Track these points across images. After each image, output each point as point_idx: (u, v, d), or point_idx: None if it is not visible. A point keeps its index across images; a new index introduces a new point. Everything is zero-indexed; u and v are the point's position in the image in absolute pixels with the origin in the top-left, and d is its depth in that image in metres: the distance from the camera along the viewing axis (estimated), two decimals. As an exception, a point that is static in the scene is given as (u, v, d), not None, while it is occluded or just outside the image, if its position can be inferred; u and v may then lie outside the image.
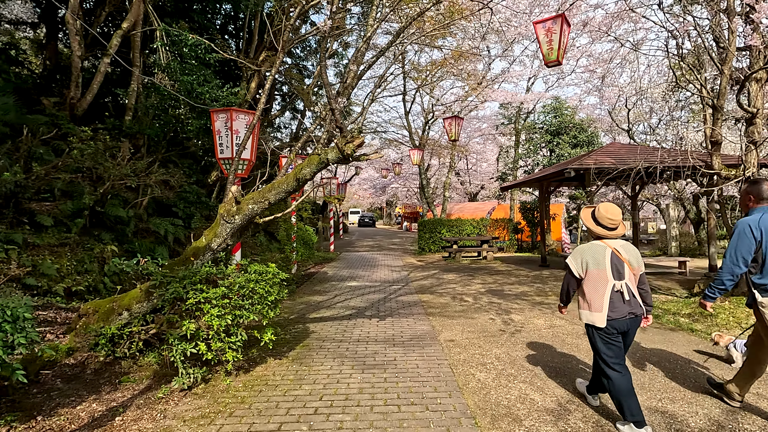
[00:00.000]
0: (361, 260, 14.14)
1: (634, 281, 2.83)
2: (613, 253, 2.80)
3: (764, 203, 2.88)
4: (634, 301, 2.78)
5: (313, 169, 3.79)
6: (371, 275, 10.58)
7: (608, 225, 2.86)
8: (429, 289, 8.56)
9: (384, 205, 48.96)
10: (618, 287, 2.76)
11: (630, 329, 2.83)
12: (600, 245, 2.85)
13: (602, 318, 2.75)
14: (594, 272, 2.81)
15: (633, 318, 2.79)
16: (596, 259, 2.80)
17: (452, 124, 8.38)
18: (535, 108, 18.48)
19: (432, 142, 20.13)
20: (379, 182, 31.26)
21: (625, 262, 2.79)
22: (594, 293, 2.80)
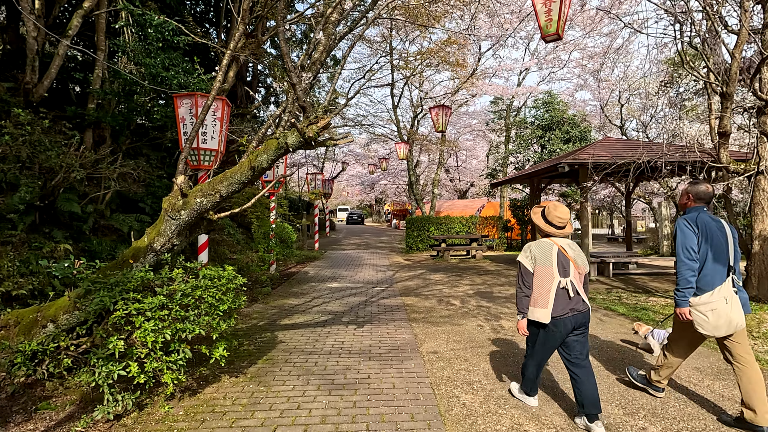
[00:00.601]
0: (345, 259, 13.58)
1: (579, 279, 2.88)
2: (560, 250, 2.85)
3: (701, 203, 2.98)
4: (577, 298, 2.83)
5: (270, 156, 3.22)
6: (354, 276, 10.03)
7: (557, 223, 2.90)
8: (414, 291, 8.04)
9: (373, 203, 48.38)
10: (563, 284, 2.80)
11: (576, 326, 2.84)
12: (548, 243, 2.89)
13: (546, 314, 2.79)
14: (541, 269, 2.85)
15: (577, 314, 2.83)
16: (544, 256, 2.85)
17: (439, 114, 7.84)
18: (525, 103, 18.06)
19: (421, 137, 19.62)
20: (368, 179, 30.66)
21: (570, 260, 2.85)
22: (540, 289, 2.84)
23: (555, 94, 14.79)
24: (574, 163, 7.94)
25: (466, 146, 26.23)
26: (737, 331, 2.80)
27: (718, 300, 2.76)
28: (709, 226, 2.87)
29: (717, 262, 2.82)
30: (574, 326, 2.83)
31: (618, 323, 5.48)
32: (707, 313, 2.77)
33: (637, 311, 6.00)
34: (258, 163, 3.21)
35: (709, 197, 2.98)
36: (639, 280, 9.00)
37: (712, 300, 2.77)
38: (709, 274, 2.82)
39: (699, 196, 2.99)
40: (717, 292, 2.78)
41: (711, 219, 2.90)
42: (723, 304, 2.75)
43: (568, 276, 2.82)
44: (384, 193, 37.69)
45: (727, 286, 2.82)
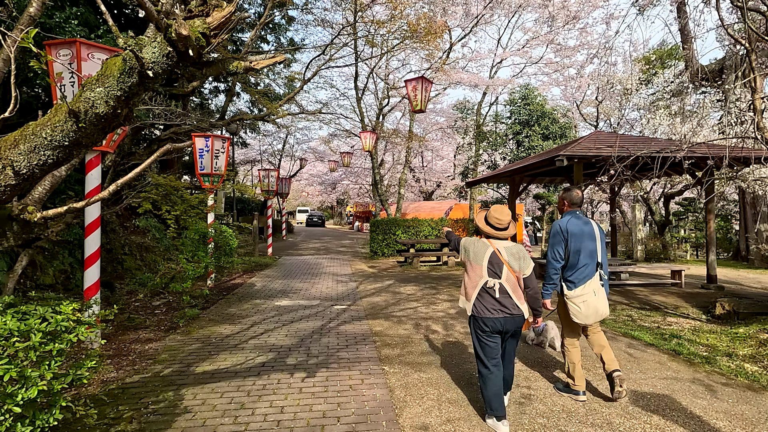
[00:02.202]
0: (302, 267, 11.84)
1: (514, 282, 2.88)
2: (494, 252, 2.88)
3: (575, 207, 3.34)
4: (508, 301, 2.84)
5: (110, 88, 1.56)
6: (310, 289, 8.36)
7: (495, 224, 2.94)
8: (383, 310, 6.50)
9: (335, 204, 46.48)
10: (490, 284, 2.84)
11: (507, 329, 2.86)
12: (484, 243, 2.93)
13: (467, 305, 2.92)
14: (473, 266, 2.92)
15: (508, 317, 2.83)
16: (477, 254, 2.90)
17: (417, 89, 6.36)
18: (497, 99, 17.05)
19: (387, 132, 18.18)
20: (329, 178, 28.84)
21: (504, 263, 2.86)
22: (469, 283, 2.94)
23: (533, 87, 13.84)
24: (573, 157, 6.73)
25: (433, 146, 25.10)
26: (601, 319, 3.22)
27: (588, 293, 3.12)
28: (579, 228, 3.20)
29: (587, 260, 3.15)
30: (505, 329, 2.85)
31: (655, 360, 4.19)
32: (580, 305, 3.12)
33: (667, 340, 4.76)
34: (85, 104, 1.55)
35: (581, 202, 3.37)
36: (638, 292, 7.93)
37: (583, 293, 3.12)
38: (580, 271, 3.15)
39: (572, 201, 3.33)
40: (587, 285, 3.13)
41: (582, 222, 3.24)
42: (592, 296, 3.12)
43: (499, 278, 2.85)
44: (346, 194, 36.00)
45: (596, 280, 3.17)
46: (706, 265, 8.12)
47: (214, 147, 8.52)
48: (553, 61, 15.96)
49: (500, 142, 14.05)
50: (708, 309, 6.16)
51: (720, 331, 4.87)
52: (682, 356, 4.21)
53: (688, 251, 16.25)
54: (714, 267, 8.01)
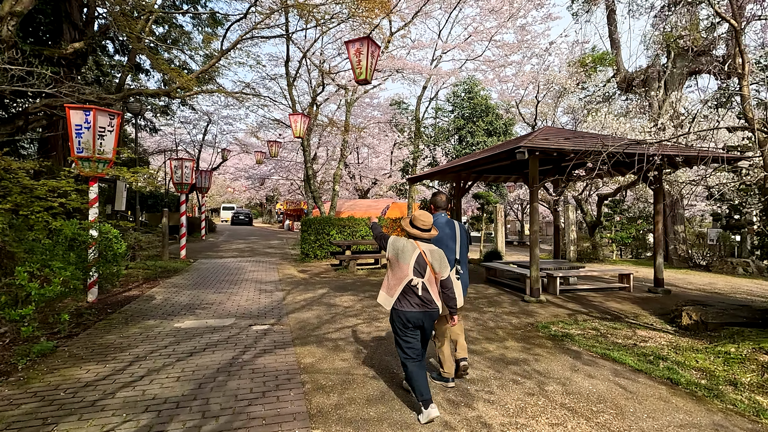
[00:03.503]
0: (220, 272, 10.11)
1: (434, 282, 3.11)
2: (421, 254, 3.07)
3: (440, 210, 3.75)
4: (428, 297, 3.05)
5: None
6: (226, 302, 6.83)
7: (420, 226, 3.16)
8: (316, 330, 5.23)
9: (264, 201, 43.69)
10: (414, 283, 3.02)
11: (425, 323, 3.06)
12: (412, 244, 3.11)
13: (388, 300, 3.08)
14: (400, 264, 3.07)
15: (425, 312, 3.04)
16: (405, 254, 3.07)
17: (362, 53, 5.10)
18: (438, 95, 16.40)
19: (323, 123, 16.79)
20: (257, 172, 26.55)
21: (428, 263, 3.07)
22: (393, 280, 3.09)
23: (477, 80, 13.30)
24: (537, 149, 5.97)
25: (369, 142, 24.04)
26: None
27: None
28: (443, 228, 3.60)
29: (447, 256, 3.37)
30: (422, 323, 3.05)
31: (655, 395, 3.41)
32: None
33: (654, 364, 4.06)
34: None
35: (446, 205, 3.79)
36: (591, 298, 7.46)
37: None
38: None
39: (437, 204, 3.78)
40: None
41: (445, 222, 3.65)
42: None
43: (423, 277, 3.05)
44: (276, 191, 33.78)
45: (453, 274, 3.44)
46: (654, 268, 7.89)
47: (97, 124, 6.65)
48: (491, 59, 15.66)
49: (442, 137, 13.31)
50: (671, 318, 5.71)
51: (704, 349, 4.29)
52: (682, 387, 3.49)
53: (614, 251, 16.83)
54: (661, 270, 7.80)
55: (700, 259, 13.08)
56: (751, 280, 10.30)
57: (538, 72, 14.21)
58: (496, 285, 8.64)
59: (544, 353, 4.40)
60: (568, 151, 5.97)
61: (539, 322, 5.74)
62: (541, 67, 14.29)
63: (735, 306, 5.61)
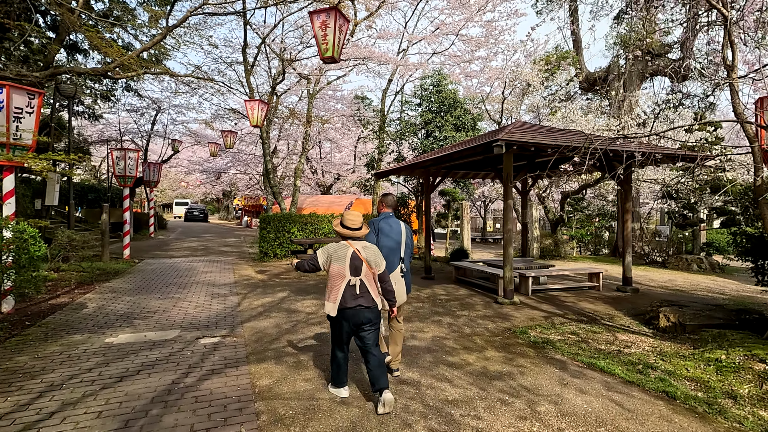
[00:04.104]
0: (168, 274, 9.18)
1: (371, 278, 3.18)
2: (355, 252, 3.14)
3: (389, 210, 3.85)
4: (367, 295, 3.13)
5: None
6: (171, 309, 6.04)
7: (350, 226, 3.22)
8: (274, 342, 4.62)
9: (221, 196, 41.73)
10: (353, 282, 3.10)
11: (365, 321, 3.11)
12: (345, 245, 3.18)
13: (334, 308, 3.08)
14: (335, 267, 3.13)
15: (365, 309, 3.10)
16: (339, 256, 3.13)
17: (328, 26, 4.45)
18: (403, 89, 15.96)
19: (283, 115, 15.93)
20: (213, 165, 25.07)
21: (363, 260, 3.13)
22: (333, 286, 3.12)
23: (445, 74, 12.94)
24: (515, 143, 5.62)
25: (332, 136, 23.28)
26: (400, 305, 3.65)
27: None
28: (389, 227, 3.66)
29: (392, 254, 3.58)
30: (362, 321, 3.11)
31: (654, 413, 3.10)
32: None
33: (643, 374, 3.79)
34: None
35: (395, 205, 3.93)
36: (563, 298, 7.27)
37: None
38: (387, 263, 3.41)
39: (388, 204, 3.88)
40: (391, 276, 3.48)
41: (391, 222, 3.70)
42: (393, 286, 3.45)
43: (359, 275, 3.12)
44: (234, 185, 32.26)
45: (397, 272, 3.59)
46: (623, 267, 7.84)
47: (12, 104, 5.67)
48: (457, 54, 15.41)
49: (410, 131, 12.88)
50: (647, 319, 5.56)
51: (691, 356, 4.08)
52: (681, 402, 3.21)
53: (574, 248, 17.14)
54: (630, 269, 7.75)
55: (657, 255, 13.47)
56: (706, 277, 10.62)
57: (504, 68, 14.09)
58: (466, 285, 8.32)
59: (528, 364, 4.03)
60: (546, 146, 5.67)
61: (516, 326, 5.42)
62: (507, 63, 14.18)
63: (709, 307, 5.54)
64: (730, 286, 9.08)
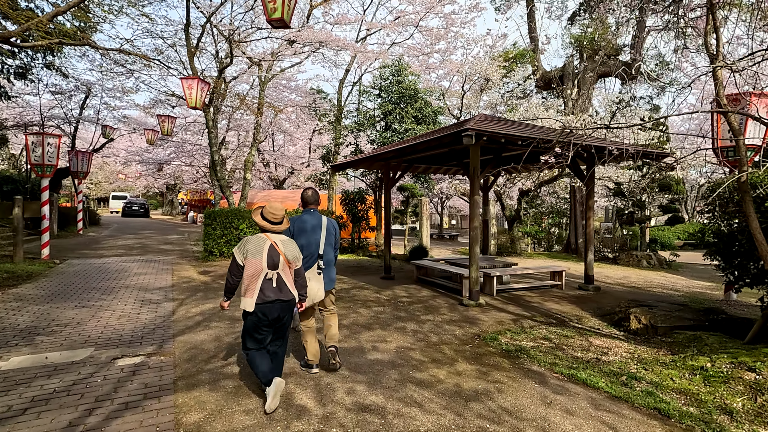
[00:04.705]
0: (93, 277, 8.02)
1: (288, 272, 3.15)
2: (272, 245, 3.08)
3: (310, 206, 3.77)
4: (285, 289, 3.09)
5: None
6: (88, 321, 5.09)
7: (271, 219, 3.15)
8: (210, 361, 3.89)
9: (164, 190, 39.01)
10: (270, 276, 3.04)
11: (281, 314, 3.07)
12: (262, 237, 3.10)
13: (251, 303, 2.97)
14: (252, 261, 3.01)
15: (282, 303, 3.06)
16: (255, 250, 3.03)
17: None
18: (361, 80, 15.33)
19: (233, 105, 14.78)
20: (153, 156, 23.11)
21: (281, 254, 3.08)
22: (249, 280, 3.01)
23: (405, 63, 12.45)
24: (485, 134, 5.19)
25: (286, 128, 22.17)
26: (324, 302, 3.77)
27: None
28: (309, 224, 3.63)
29: (310, 251, 3.57)
30: (280, 314, 3.06)
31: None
32: None
33: (629, 386, 3.46)
34: None
35: (315, 201, 3.78)
36: (528, 298, 7.00)
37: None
38: (305, 260, 3.50)
39: (306, 200, 3.78)
40: (308, 273, 3.49)
41: (311, 218, 3.67)
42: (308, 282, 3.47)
43: (277, 269, 3.06)
44: (179, 178, 30.17)
45: (313, 269, 3.55)
46: (585, 265, 7.73)
47: None
48: (416, 46, 15.00)
49: (368, 122, 12.28)
50: (616, 321, 5.36)
51: (672, 363, 3.82)
52: (675, 422, 2.88)
53: (528, 245, 17.35)
54: (592, 267, 7.66)
55: (608, 252, 13.82)
56: (657, 273, 10.92)
57: (464, 62, 13.84)
58: (428, 286, 7.89)
59: (505, 379, 3.60)
60: (518, 138, 5.30)
61: (485, 332, 5.01)
62: (467, 58, 13.96)
63: (676, 307, 5.42)
64: (681, 283, 9.31)
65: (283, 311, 3.07)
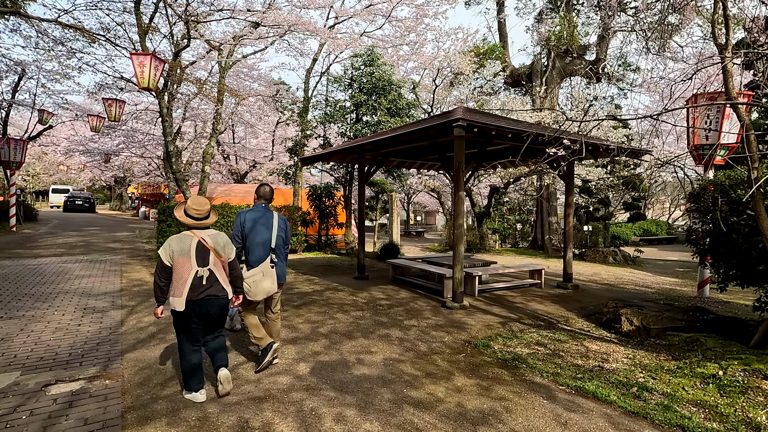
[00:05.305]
0: (25, 281, 7.00)
1: (220, 267, 3.07)
2: (200, 242, 2.98)
3: (262, 201, 3.73)
4: (216, 285, 3.02)
5: None
6: (13, 336, 4.29)
7: (194, 215, 3.01)
8: (168, 385, 3.28)
9: (113, 183, 36.33)
10: (201, 273, 2.94)
11: (211, 310, 2.99)
12: (188, 235, 2.99)
13: (181, 302, 2.87)
14: (180, 260, 2.91)
15: (213, 299, 2.99)
16: (182, 248, 2.92)
17: None
18: (329, 70, 14.68)
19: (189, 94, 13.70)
20: (99, 146, 21.24)
21: (210, 249, 3.00)
22: (178, 280, 2.91)
23: (379, 53, 11.94)
24: (476, 125, 4.82)
25: (247, 119, 21.04)
26: (272, 295, 3.66)
27: (257, 274, 3.49)
28: (259, 219, 3.59)
29: (261, 246, 3.54)
30: (210, 311, 2.98)
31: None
32: (251, 284, 3.46)
33: (642, 399, 3.20)
34: None
35: (268, 196, 3.75)
36: (510, 298, 6.76)
37: (254, 274, 3.48)
38: (255, 255, 3.52)
39: (260, 195, 3.74)
40: (259, 268, 3.50)
41: (262, 213, 3.64)
42: (260, 277, 3.49)
43: (207, 265, 2.98)
44: (129, 171, 28.15)
45: (267, 263, 3.53)
46: (564, 263, 7.62)
47: None
48: (386, 38, 14.54)
49: (339, 113, 11.67)
50: (605, 321, 5.18)
51: (679, 371, 3.61)
52: None
53: (497, 241, 17.42)
54: (571, 265, 7.55)
55: (575, 248, 14.02)
56: (624, 269, 11.11)
57: (435, 55, 13.53)
58: (406, 286, 7.50)
59: (510, 395, 3.25)
60: (508, 131, 4.98)
61: (475, 337, 4.68)
62: (438, 51, 13.66)
63: (664, 307, 5.33)
64: (649, 279, 9.46)
65: (215, 308, 3.00)
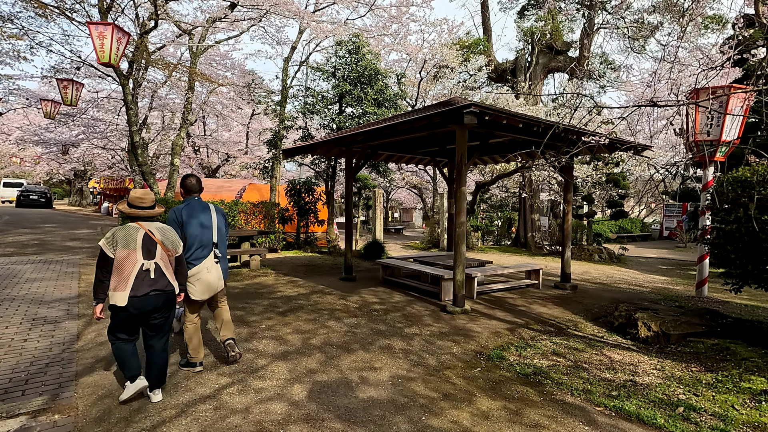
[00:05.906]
0: (-40, 288, 6.08)
1: (167, 260, 2.95)
2: (147, 234, 2.87)
3: (192, 194, 3.52)
4: (162, 279, 2.89)
5: None
6: (-61, 359, 3.53)
7: (139, 204, 2.92)
8: (131, 424, 2.66)
9: (72, 177, 34.11)
10: (146, 266, 2.83)
11: (157, 306, 2.88)
12: (134, 227, 2.88)
13: (124, 297, 2.74)
14: (124, 252, 2.79)
15: (159, 294, 2.87)
16: (127, 240, 2.82)
17: None
18: (309, 60, 13.97)
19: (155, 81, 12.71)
20: (56, 136, 19.66)
21: (158, 242, 2.89)
22: (121, 273, 2.78)
23: (364, 41, 11.33)
24: (488, 113, 4.36)
25: (219, 111, 19.98)
26: (215, 294, 3.50)
27: (202, 271, 3.33)
28: (195, 213, 3.40)
29: (202, 242, 3.36)
30: (155, 306, 2.87)
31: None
32: (195, 283, 3.32)
33: (692, 421, 2.83)
34: None
35: (197, 188, 3.53)
36: (512, 300, 6.38)
37: (198, 272, 3.32)
38: (197, 252, 3.33)
39: (188, 188, 3.52)
40: (202, 264, 3.33)
41: (199, 207, 3.45)
42: (205, 274, 3.35)
43: (153, 258, 2.87)
44: (90, 164, 26.42)
45: (210, 259, 3.39)
46: (562, 263, 7.32)
47: None
48: (367, 28, 13.98)
49: (322, 104, 11.03)
50: (616, 326, 4.86)
51: (720, 384, 3.28)
52: None
53: (479, 239, 17.19)
54: (569, 264, 7.26)
55: (557, 246, 13.93)
56: (611, 267, 11.01)
57: (420, 47, 13.07)
58: (398, 288, 7.01)
59: (545, 420, 2.81)
60: (520, 121, 4.56)
61: (486, 347, 4.24)
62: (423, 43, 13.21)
63: (678, 310, 5.05)
64: (639, 277, 9.35)
65: (160, 303, 2.87)
